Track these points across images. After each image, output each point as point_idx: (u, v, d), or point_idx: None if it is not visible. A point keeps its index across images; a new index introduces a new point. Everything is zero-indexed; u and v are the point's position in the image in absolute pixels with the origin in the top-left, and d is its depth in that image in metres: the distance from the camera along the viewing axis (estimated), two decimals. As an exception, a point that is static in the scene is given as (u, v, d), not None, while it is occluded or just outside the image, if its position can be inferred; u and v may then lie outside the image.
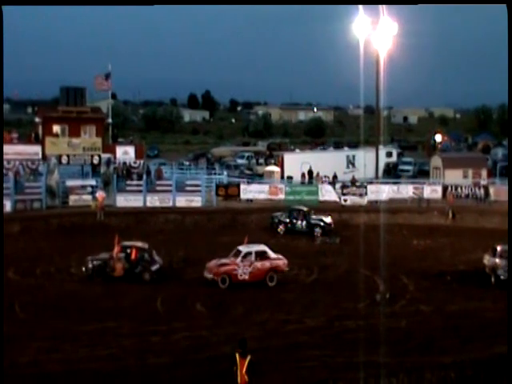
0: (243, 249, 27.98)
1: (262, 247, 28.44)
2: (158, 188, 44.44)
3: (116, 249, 27.43)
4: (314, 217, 38.37)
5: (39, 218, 38.57)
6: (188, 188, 44.96)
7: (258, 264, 27.46)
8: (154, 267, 27.67)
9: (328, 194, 47.02)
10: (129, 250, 27.49)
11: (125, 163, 46.50)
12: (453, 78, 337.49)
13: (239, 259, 27.38)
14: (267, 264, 27.63)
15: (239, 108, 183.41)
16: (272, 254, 28.11)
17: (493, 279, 27.80)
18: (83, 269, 27.66)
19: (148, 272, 27.47)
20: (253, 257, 27.55)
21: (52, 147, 44.76)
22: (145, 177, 44.62)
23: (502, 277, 27.41)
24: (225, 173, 51.35)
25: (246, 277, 27.23)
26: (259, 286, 27.02)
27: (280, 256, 28.30)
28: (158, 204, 43.21)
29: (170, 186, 44.40)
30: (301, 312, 23.62)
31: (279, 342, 20.48)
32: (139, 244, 28.33)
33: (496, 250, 28.59)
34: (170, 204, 43.46)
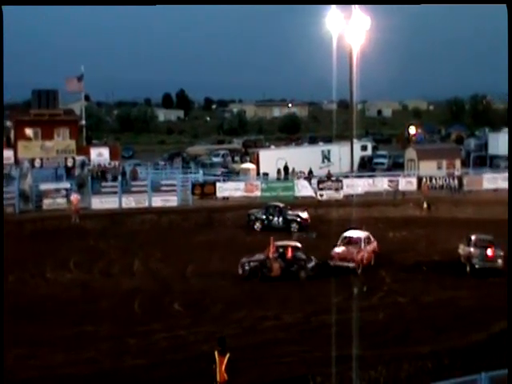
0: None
1: (367, 233, 30.32)
2: (134, 189, 44.25)
3: (271, 249, 27.46)
4: (290, 212, 38.41)
5: (12, 223, 38.15)
6: (164, 188, 44.82)
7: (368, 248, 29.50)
8: (310, 265, 27.66)
9: (304, 189, 47.14)
10: (282, 250, 27.69)
11: (99, 165, 46.28)
12: (426, 71, 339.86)
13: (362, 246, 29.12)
14: (372, 247, 29.95)
15: (214, 106, 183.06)
16: (372, 238, 30.43)
17: (468, 268, 28.07)
18: (240, 271, 27.70)
19: (304, 270, 27.44)
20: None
21: (24, 151, 44.41)
22: (120, 178, 44.40)
23: (476, 266, 27.69)
24: (200, 171, 51.26)
25: (365, 261, 28.86)
26: (234, 283, 27.04)
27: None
28: (133, 205, 43.00)
29: (146, 186, 44.25)
30: (278, 308, 23.63)
31: (257, 339, 20.53)
32: (292, 243, 28.60)
33: (470, 239, 28.88)
34: (146, 204, 43.30)
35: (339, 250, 29.00)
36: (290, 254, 27.61)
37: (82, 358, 19.07)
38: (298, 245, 28.59)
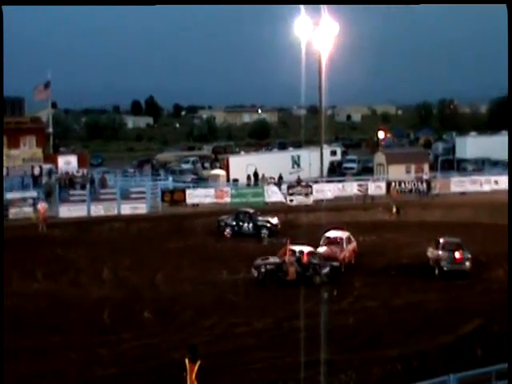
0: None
1: (347, 233, 31.50)
2: (102, 196, 43.91)
3: (288, 252, 27.46)
4: (260, 218, 38.40)
5: (-21, 233, 37.59)
6: (133, 195, 44.53)
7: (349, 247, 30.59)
8: (325, 270, 27.56)
9: (274, 194, 47.24)
10: (299, 254, 27.64)
11: (67, 173, 45.85)
12: (394, 75, 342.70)
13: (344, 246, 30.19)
14: (352, 246, 31.00)
15: (183, 113, 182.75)
16: (352, 238, 31.50)
17: (436, 271, 28.31)
18: (255, 273, 27.47)
19: (319, 275, 27.40)
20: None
21: (-10, 160, 43.76)
22: (88, 186, 44.02)
23: (445, 268, 27.95)
24: (170, 178, 51.05)
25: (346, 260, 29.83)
26: (205, 289, 26.93)
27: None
28: (102, 213, 42.65)
29: (115, 194, 43.94)
30: (249, 314, 23.58)
31: (228, 346, 20.44)
32: (308, 248, 28.48)
33: (439, 242, 29.16)
34: (115, 212, 42.98)
35: (322, 250, 29.39)
36: (305, 258, 27.67)
37: (49, 368, 18.80)
38: (313, 250, 28.66)
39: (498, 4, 15.08)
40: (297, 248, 28.30)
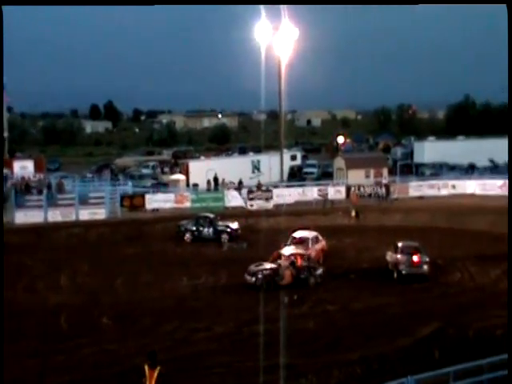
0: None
1: (315, 233, 32.50)
2: (60, 202, 43.23)
3: (283, 257, 27.88)
4: (220, 223, 38.33)
5: None
6: (91, 200, 43.99)
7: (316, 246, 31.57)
8: (318, 272, 28.10)
9: (234, 199, 47.20)
10: (293, 258, 27.98)
11: (23, 178, 45.07)
12: (354, 80, 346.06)
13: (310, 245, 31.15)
14: (320, 246, 31.97)
15: (143, 117, 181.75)
16: (321, 237, 32.48)
17: (395, 275, 28.55)
18: (252, 279, 27.40)
19: (313, 277, 27.84)
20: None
21: None
22: (45, 191, 43.34)
23: (403, 272, 28.21)
24: (129, 183, 50.63)
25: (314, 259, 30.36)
26: (164, 295, 26.73)
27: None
28: (60, 218, 41.99)
29: (73, 199, 43.33)
30: (210, 319, 23.49)
31: (188, 351, 20.31)
32: (301, 251, 29.07)
33: (397, 246, 29.44)
34: (73, 218, 42.38)
35: (287, 249, 29.85)
36: (299, 261, 27.99)
37: (5, 377, 18.38)
38: (305, 253, 29.16)
39: (497, 4, 15.17)
40: (286, 252, 28.57)
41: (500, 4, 14.56)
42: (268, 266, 27.98)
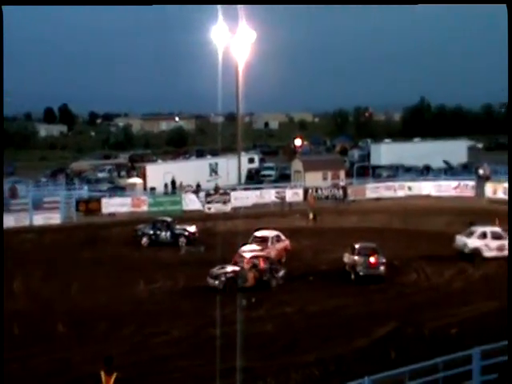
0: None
1: (277, 232, 33.12)
2: (13, 207, 42.50)
3: (246, 260, 27.75)
4: (178, 227, 38.06)
5: None
6: (46, 205, 43.41)
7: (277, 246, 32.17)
8: (280, 274, 28.10)
9: (192, 203, 47.02)
10: (256, 260, 27.92)
11: (-27, 183, 44.07)
12: (311, 83, 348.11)
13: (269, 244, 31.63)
14: (282, 245, 32.48)
15: (99, 120, 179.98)
16: (283, 237, 32.98)
17: (352, 276, 28.73)
18: (214, 282, 27.05)
19: (275, 279, 27.86)
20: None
21: None
22: (-3, 196, 42.48)
23: (360, 273, 28.40)
24: (85, 187, 50.06)
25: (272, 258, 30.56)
26: (121, 300, 26.44)
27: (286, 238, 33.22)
28: (13, 224, 41.12)
29: (26, 204, 42.63)
30: (167, 323, 23.31)
31: (146, 356, 20.11)
32: (263, 253, 29.08)
33: (355, 248, 29.60)
34: (27, 223, 41.70)
35: (247, 247, 30.44)
36: (262, 264, 27.92)
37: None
38: (267, 255, 29.20)
39: (498, 4, 15.20)
40: (247, 254, 28.56)
41: (500, 4, 14.62)
42: (230, 268, 27.89)
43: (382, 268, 28.49)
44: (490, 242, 31.79)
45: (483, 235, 32.02)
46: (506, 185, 47.52)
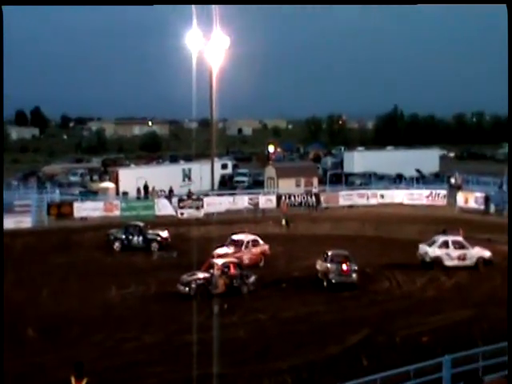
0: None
1: (254, 236, 33.90)
2: (-17, 210, 41.90)
3: (216, 266, 27.69)
4: (150, 232, 37.89)
5: None
6: (17, 209, 42.92)
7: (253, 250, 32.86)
8: (251, 280, 28.11)
9: (164, 208, 46.86)
10: (226, 266, 27.94)
11: None
12: (285, 90, 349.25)
13: (243, 248, 32.39)
14: (259, 249, 33.13)
15: (71, 124, 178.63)
16: (261, 241, 33.58)
17: (325, 283, 28.79)
18: (185, 289, 26.90)
19: (246, 285, 27.90)
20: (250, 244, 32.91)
21: None
22: (-33, 199, 41.88)
23: (333, 280, 28.47)
24: (57, 191, 49.62)
25: (247, 261, 31.85)
26: (93, 305, 26.21)
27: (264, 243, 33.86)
28: (-19, 227, 40.65)
29: (-3, 207, 42.05)
30: (139, 329, 23.17)
31: (117, 362, 19.97)
32: (233, 259, 29.27)
33: (327, 255, 29.69)
34: (-3, 226, 41.11)
35: (221, 250, 31.74)
36: (232, 270, 27.90)
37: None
38: (237, 261, 29.22)
39: (498, 4, 15.28)
40: (219, 261, 28.51)
41: (500, 4, 14.73)
42: (201, 275, 27.81)
43: (354, 275, 28.61)
44: (451, 252, 32.14)
45: (445, 244, 32.38)
46: (478, 194, 48.21)
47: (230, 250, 32.22)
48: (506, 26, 14.32)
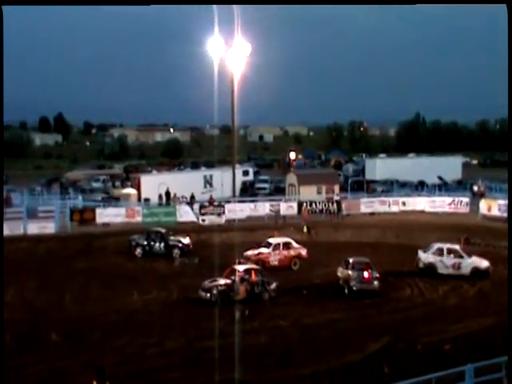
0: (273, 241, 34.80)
1: (288, 239, 35.21)
2: (7, 216, 42.19)
3: (238, 272, 27.80)
4: (172, 238, 38.05)
5: None
6: (41, 214, 43.27)
7: (285, 252, 34.02)
8: (272, 286, 28.12)
9: (186, 214, 46.98)
10: (247, 273, 28.11)
11: (-32, 191, 43.96)
12: (307, 96, 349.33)
13: (271, 249, 33.93)
14: (292, 252, 34.19)
15: (94, 130, 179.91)
16: (295, 245, 34.58)
17: (346, 291, 28.73)
18: (207, 295, 27.11)
19: (267, 292, 27.99)
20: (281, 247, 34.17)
21: None
22: (-8, 204, 42.36)
23: (354, 288, 28.41)
24: (79, 197, 50.00)
25: (276, 263, 33.57)
26: (115, 310, 26.37)
27: (301, 246, 34.92)
28: (7, 232, 40.95)
29: (21, 212, 42.53)
30: (161, 334, 23.26)
31: (138, 367, 20.05)
32: (254, 266, 29.47)
33: (349, 262, 29.64)
34: (21, 232, 41.59)
35: (251, 252, 33.84)
36: (254, 276, 27.96)
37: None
38: (259, 268, 29.29)
39: (498, 4, 15.24)
40: (241, 267, 28.55)
41: (500, 4, 14.67)
42: (222, 281, 27.88)
43: (375, 283, 28.53)
44: (445, 259, 31.93)
45: (439, 251, 32.25)
46: (501, 202, 47.80)
47: (257, 251, 34.08)
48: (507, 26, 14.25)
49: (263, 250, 34.38)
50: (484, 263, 32.11)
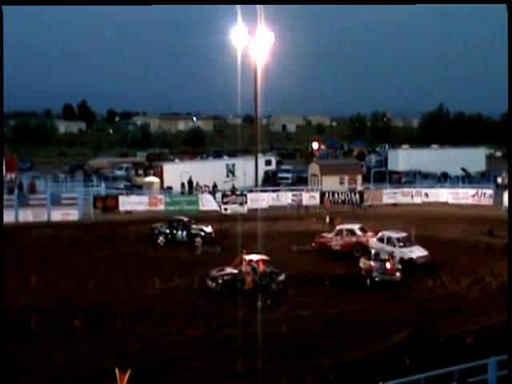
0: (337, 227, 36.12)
1: (354, 226, 36.12)
2: (32, 202, 42.76)
3: (244, 262, 27.58)
4: (194, 226, 38.18)
5: None
6: (64, 201, 43.60)
7: (347, 238, 34.80)
8: (281, 278, 27.84)
9: (208, 203, 47.04)
10: (255, 263, 27.79)
11: (-6, 177, 44.35)
12: (329, 86, 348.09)
13: (333, 234, 35.38)
14: (354, 239, 34.78)
15: (117, 118, 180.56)
16: (359, 232, 35.14)
17: (368, 281, 28.65)
18: (212, 284, 27.16)
19: (275, 283, 27.69)
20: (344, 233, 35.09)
21: None
22: (17, 191, 42.77)
23: (376, 278, 28.32)
24: (103, 185, 50.27)
25: (338, 247, 34.81)
26: (137, 297, 26.55)
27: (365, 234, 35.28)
28: (31, 219, 41.49)
29: (45, 199, 42.86)
30: (183, 322, 23.38)
31: (160, 354, 20.18)
32: (263, 256, 28.73)
33: (371, 253, 29.55)
34: (45, 218, 41.92)
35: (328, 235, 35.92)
36: (261, 267, 27.79)
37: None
38: (268, 258, 28.88)
39: (498, 4, 15.08)
40: (252, 257, 28.41)
41: (500, 4, 14.50)
42: (229, 270, 27.82)
43: (397, 274, 28.41)
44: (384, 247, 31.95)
45: (381, 240, 33.14)
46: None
47: (325, 236, 36.03)
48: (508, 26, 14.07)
49: (326, 234, 36.20)
50: (413, 254, 32.02)
